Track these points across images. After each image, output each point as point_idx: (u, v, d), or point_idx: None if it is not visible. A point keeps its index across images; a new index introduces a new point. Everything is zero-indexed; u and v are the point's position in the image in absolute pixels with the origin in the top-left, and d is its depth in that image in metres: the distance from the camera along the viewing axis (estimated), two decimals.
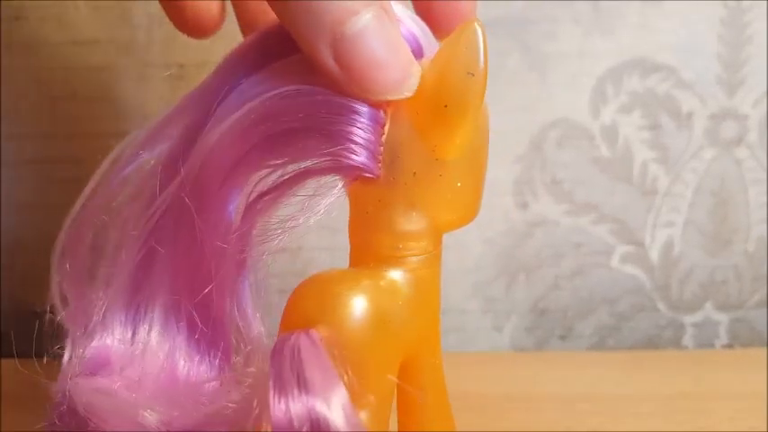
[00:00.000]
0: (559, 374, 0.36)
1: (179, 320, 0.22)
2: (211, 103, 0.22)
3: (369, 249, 0.22)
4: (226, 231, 0.21)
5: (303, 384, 0.18)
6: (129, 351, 0.22)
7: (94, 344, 0.22)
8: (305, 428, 0.18)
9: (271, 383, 0.18)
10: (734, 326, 0.44)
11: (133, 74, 0.39)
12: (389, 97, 0.20)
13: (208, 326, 0.22)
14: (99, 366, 0.22)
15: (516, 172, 0.41)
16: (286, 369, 0.18)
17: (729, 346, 0.44)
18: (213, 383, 0.22)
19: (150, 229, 0.22)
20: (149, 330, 0.22)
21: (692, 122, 0.41)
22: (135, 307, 0.23)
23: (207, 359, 0.23)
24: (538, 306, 0.43)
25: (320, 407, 0.18)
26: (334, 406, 0.18)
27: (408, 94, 0.20)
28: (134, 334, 0.22)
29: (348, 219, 0.23)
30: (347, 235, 0.23)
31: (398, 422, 0.24)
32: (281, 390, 0.18)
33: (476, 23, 0.20)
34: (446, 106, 0.20)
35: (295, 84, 0.20)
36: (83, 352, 0.22)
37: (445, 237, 0.23)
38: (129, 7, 0.39)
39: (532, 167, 0.41)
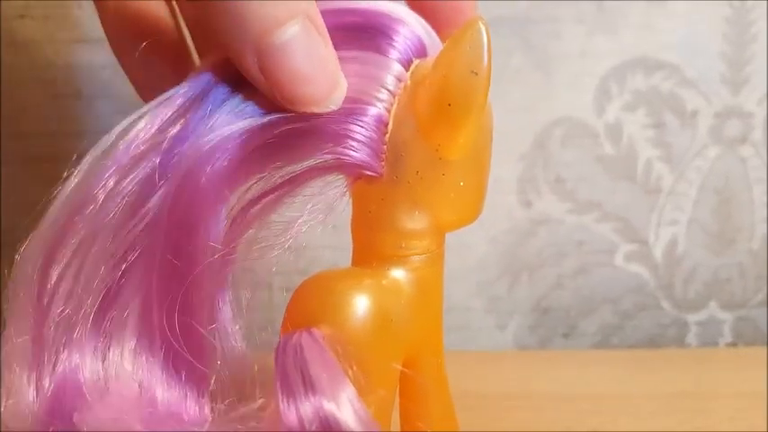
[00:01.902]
0: (562, 373, 0.36)
1: (153, 343, 0.20)
2: (192, 106, 0.20)
3: (371, 248, 0.22)
4: (215, 238, 0.20)
5: (309, 384, 0.18)
6: (101, 380, 0.20)
7: (61, 374, 0.19)
8: (315, 428, 0.17)
9: (277, 385, 0.18)
10: (738, 324, 0.44)
11: None
12: (315, 110, 0.20)
13: (184, 347, 0.20)
14: (73, 399, 0.19)
15: (520, 170, 0.41)
16: (291, 369, 0.18)
17: (733, 344, 0.44)
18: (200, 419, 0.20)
19: (128, 242, 0.20)
20: (122, 355, 0.20)
21: (696, 121, 0.41)
22: (105, 329, 0.20)
23: (185, 386, 0.20)
24: (541, 305, 0.43)
25: (328, 405, 0.18)
26: (342, 403, 0.18)
27: (334, 107, 0.20)
28: (104, 360, 0.20)
29: (351, 218, 0.23)
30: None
31: (401, 422, 0.24)
32: (289, 391, 0.18)
33: (480, 22, 0.20)
34: (450, 105, 0.20)
35: None
36: (47, 385, 0.19)
37: (448, 235, 0.23)
38: None
39: (536, 166, 0.41)
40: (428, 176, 0.21)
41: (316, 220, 0.21)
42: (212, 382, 0.21)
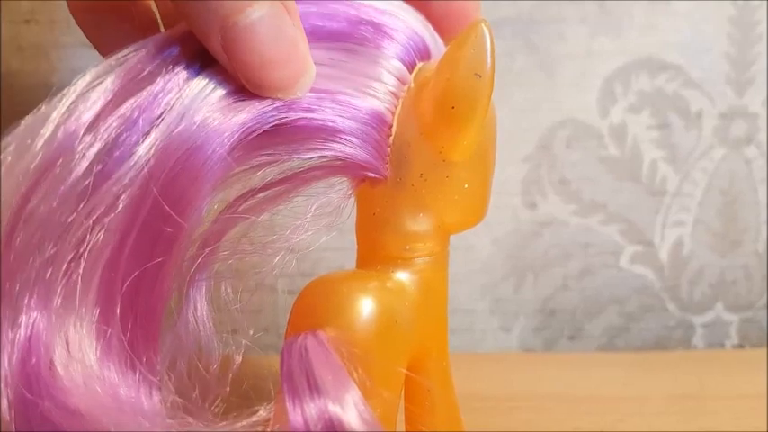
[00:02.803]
0: (568, 375, 0.36)
1: (112, 318, 0.19)
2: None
3: (376, 250, 0.22)
4: (195, 224, 0.19)
5: (314, 386, 0.18)
6: (70, 369, 0.18)
7: (24, 340, 0.18)
8: (319, 429, 0.18)
9: (284, 388, 0.18)
10: (744, 326, 0.44)
11: None
12: (281, 96, 0.19)
13: (141, 330, 0.19)
14: (49, 387, 0.18)
15: (524, 172, 0.41)
16: (296, 372, 0.18)
17: (740, 346, 0.44)
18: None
19: (105, 203, 0.18)
20: (82, 327, 0.18)
21: (701, 122, 0.41)
22: (67, 293, 0.18)
23: (140, 372, 0.19)
24: (546, 306, 0.43)
25: (333, 408, 0.18)
26: (347, 405, 0.18)
27: (300, 94, 0.19)
28: (68, 345, 0.18)
29: (355, 220, 0.23)
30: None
31: (405, 424, 0.24)
32: (294, 393, 0.18)
33: (483, 25, 0.20)
34: (453, 108, 0.20)
35: None
36: (10, 367, 0.18)
37: (453, 237, 0.23)
38: None
39: (541, 167, 0.41)
40: (432, 179, 0.21)
41: (321, 224, 0.21)
42: (165, 371, 0.20)
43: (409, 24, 0.22)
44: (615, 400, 0.33)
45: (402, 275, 0.22)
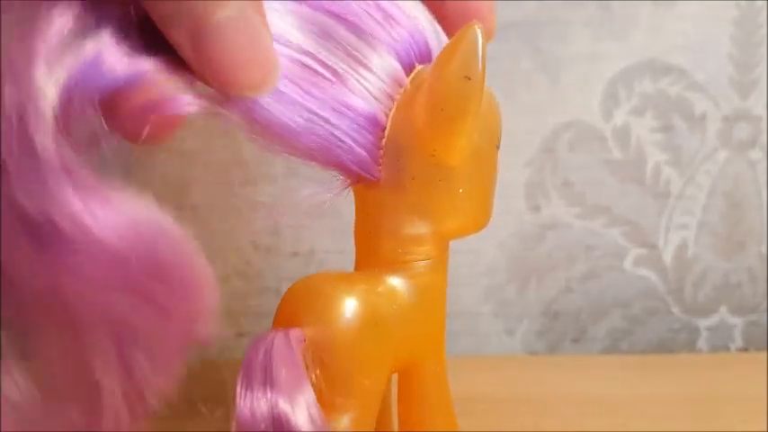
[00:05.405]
0: (572, 378, 0.36)
1: None
2: None
3: (372, 253, 0.22)
4: None
5: (270, 381, 0.18)
6: None
7: None
8: (265, 426, 0.18)
9: (239, 378, 0.18)
10: (749, 329, 0.44)
11: None
12: (248, 95, 0.19)
13: None
14: None
15: (527, 175, 0.41)
16: (255, 366, 0.18)
17: (744, 349, 0.44)
18: None
19: None
20: None
21: (704, 124, 0.41)
22: None
23: None
24: (550, 309, 0.43)
25: (283, 405, 0.18)
26: (298, 405, 0.18)
27: (266, 93, 0.19)
28: None
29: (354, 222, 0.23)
30: None
31: (399, 426, 0.24)
32: (248, 385, 0.18)
33: (476, 27, 0.20)
34: (442, 110, 0.20)
35: None
36: None
37: (456, 240, 0.23)
38: None
39: (544, 170, 0.41)
40: (425, 182, 0.21)
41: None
42: None
43: (415, 24, 0.22)
44: (619, 403, 0.33)
45: (396, 279, 0.21)
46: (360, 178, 0.21)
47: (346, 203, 0.22)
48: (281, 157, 0.21)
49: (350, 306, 0.20)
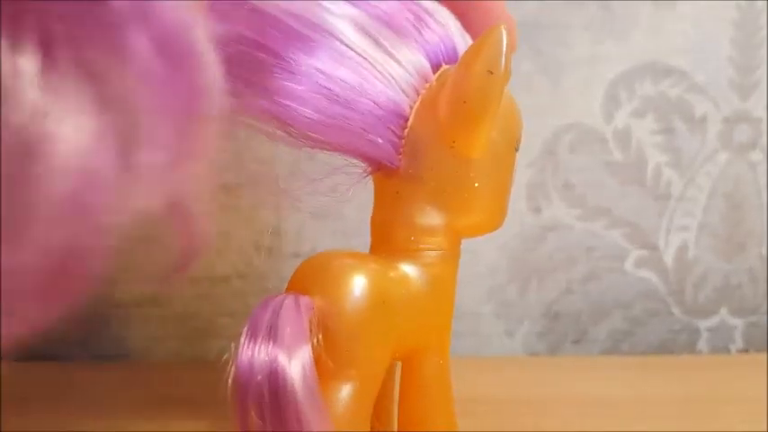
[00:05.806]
0: (572, 379, 0.36)
1: None
2: None
3: (385, 240, 0.23)
4: None
5: (273, 337, 0.19)
6: None
7: None
8: (262, 376, 0.18)
9: (244, 330, 0.19)
10: (749, 330, 0.44)
11: None
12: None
13: None
14: None
15: (529, 176, 0.41)
16: (262, 321, 0.19)
17: (745, 350, 0.44)
18: None
19: None
20: None
21: (705, 126, 0.41)
22: None
23: None
24: (551, 310, 0.43)
25: (282, 359, 0.18)
26: (294, 361, 0.18)
27: None
28: None
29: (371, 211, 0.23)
30: (362, 239, 0.23)
31: (399, 419, 0.24)
32: (252, 338, 0.19)
33: (502, 27, 0.21)
34: (465, 102, 0.21)
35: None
36: None
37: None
38: None
39: (545, 172, 0.41)
40: (442, 173, 0.22)
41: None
42: None
43: (445, 27, 0.23)
44: (619, 405, 0.33)
45: (408, 267, 0.22)
46: (380, 166, 0.22)
47: (347, 205, 0.23)
48: (302, 152, 0.21)
49: (359, 281, 0.20)
